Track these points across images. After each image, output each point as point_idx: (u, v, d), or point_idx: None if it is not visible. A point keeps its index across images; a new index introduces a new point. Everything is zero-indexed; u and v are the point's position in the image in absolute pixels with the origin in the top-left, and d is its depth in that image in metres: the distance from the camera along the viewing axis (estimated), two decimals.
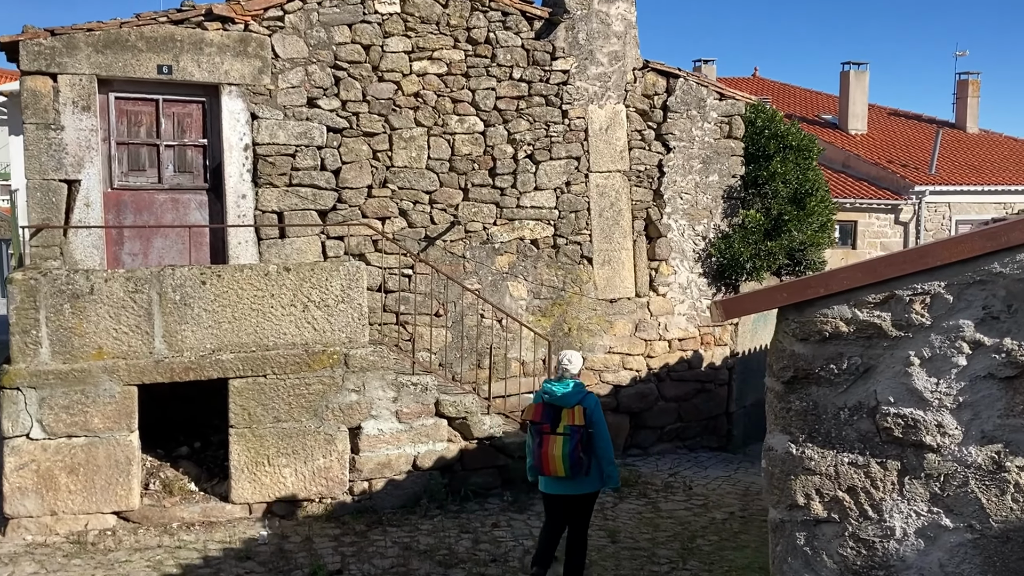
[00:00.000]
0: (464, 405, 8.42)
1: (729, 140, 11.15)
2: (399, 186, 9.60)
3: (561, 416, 5.89)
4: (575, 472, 5.84)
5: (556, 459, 5.82)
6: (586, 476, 5.96)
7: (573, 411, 5.89)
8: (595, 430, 5.95)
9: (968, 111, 31.03)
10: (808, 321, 4.02)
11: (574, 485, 6.00)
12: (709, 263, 11.13)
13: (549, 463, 5.86)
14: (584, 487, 6.04)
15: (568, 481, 5.95)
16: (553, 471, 5.88)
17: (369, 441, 7.97)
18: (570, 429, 5.84)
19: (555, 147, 10.22)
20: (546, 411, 5.96)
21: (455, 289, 9.73)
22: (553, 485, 6.07)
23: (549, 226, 10.26)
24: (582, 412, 5.89)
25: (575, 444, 5.80)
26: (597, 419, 5.97)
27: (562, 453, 5.80)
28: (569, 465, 5.80)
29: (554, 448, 5.83)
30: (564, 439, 5.82)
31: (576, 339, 10.42)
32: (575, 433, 5.83)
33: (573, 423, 5.85)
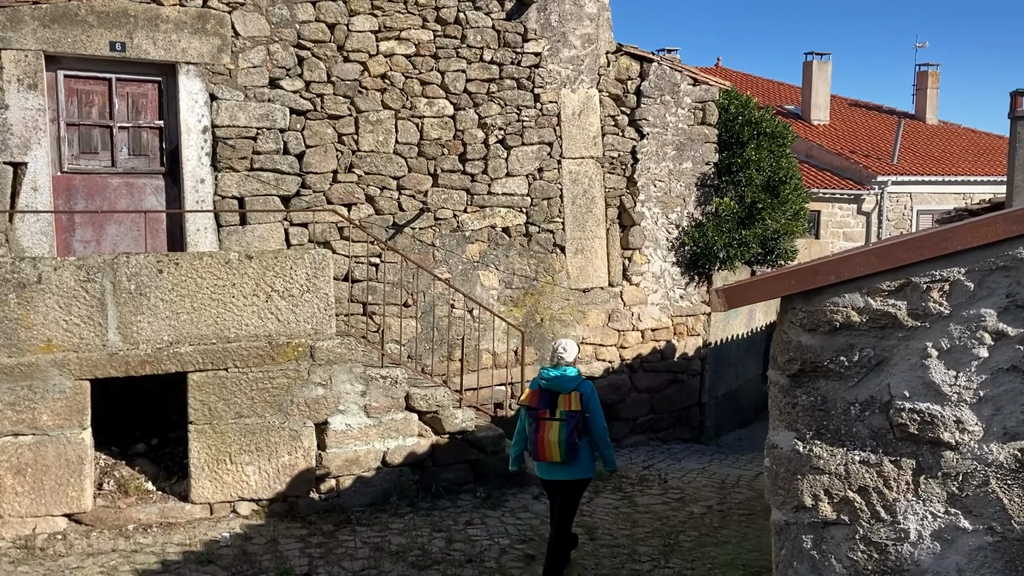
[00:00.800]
0: (435, 399, 8.11)
1: (703, 127, 10.94)
2: (366, 171, 9.24)
3: (558, 402, 5.98)
4: (570, 457, 5.95)
5: (552, 444, 5.92)
6: (581, 462, 6.08)
7: (569, 396, 5.99)
8: (591, 415, 6.05)
9: (928, 102, 31.30)
10: (817, 310, 3.77)
11: (568, 470, 6.09)
12: (682, 252, 10.92)
13: (545, 448, 5.96)
14: (576, 473, 6.13)
15: (562, 466, 6.04)
16: (549, 456, 5.97)
17: (336, 437, 7.63)
18: (566, 415, 5.94)
19: (527, 132, 9.92)
20: (543, 397, 6.05)
21: (424, 278, 9.41)
22: (548, 470, 6.17)
23: (521, 213, 9.97)
24: (578, 398, 5.98)
25: (571, 429, 5.91)
26: (593, 405, 6.07)
27: (558, 439, 5.90)
28: (564, 451, 5.91)
29: (550, 433, 5.93)
30: (560, 424, 5.92)
31: (549, 330, 10.15)
32: (571, 418, 5.93)
33: (569, 408, 5.95)
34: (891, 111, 31.92)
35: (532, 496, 8.32)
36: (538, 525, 7.53)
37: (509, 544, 7.03)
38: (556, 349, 6.24)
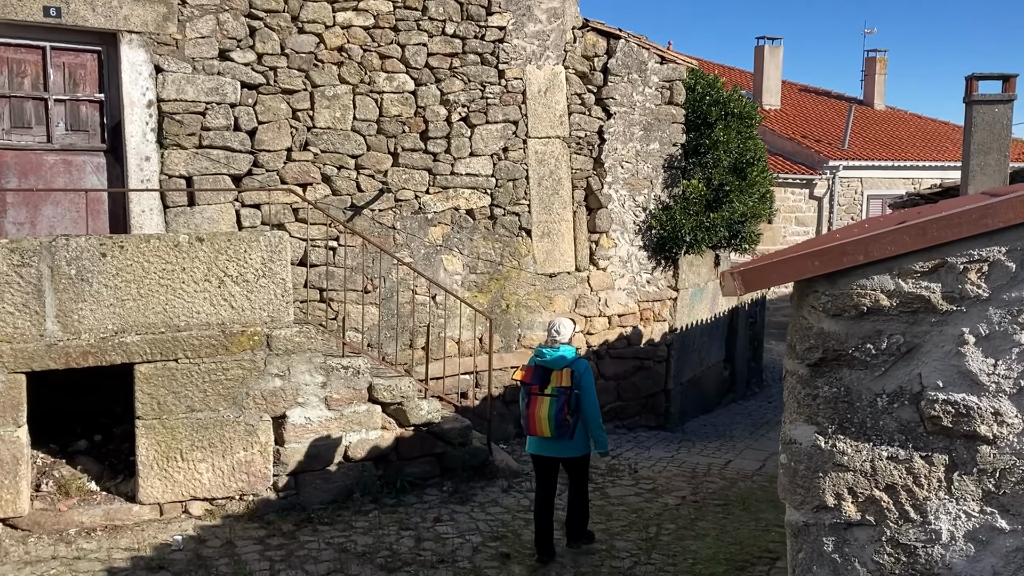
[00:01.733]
0: (400, 389, 7.70)
1: (670, 106, 10.64)
2: (322, 149, 8.75)
3: (551, 378, 6.08)
4: (560, 433, 6.02)
5: (542, 419, 6.02)
6: (570, 440, 6.15)
7: (562, 373, 6.07)
8: (582, 393, 6.11)
9: (876, 88, 31.55)
10: (842, 294, 3.46)
11: (559, 447, 6.20)
12: (649, 236, 10.64)
13: (536, 423, 6.06)
14: (569, 450, 6.24)
15: (553, 442, 6.15)
16: (539, 431, 6.08)
17: (295, 431, 7.18)
18: (557, 390, 6.02)
19: (491, 110, 9.52)
20: (536, 373, 6.15)
21: (385, 263, 8.98)
22: (539, 446, 6.27)
23: (486, 195, 9.57)
24: (569, 374, 6.06)
25: (561, 405, 5.98)
26: (586, 384, 6.13)
27: (548, 414, 5.99)
28: (554, 426, 5.99)
29: (541, 409, 6.03)
30: (551, 400, 6.01)
31: (514, 316, 9.79)
32: (561, 395, 6.01)
33: (560, 385, 6.04)
34: (840, 96, 32.13)
35: (501, 489, 7.98)
36: (510, 520, 7.19)
37: (482, 542, 6.67)
38: (552, 327, 6.36)
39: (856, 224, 7.04)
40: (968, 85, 15.61)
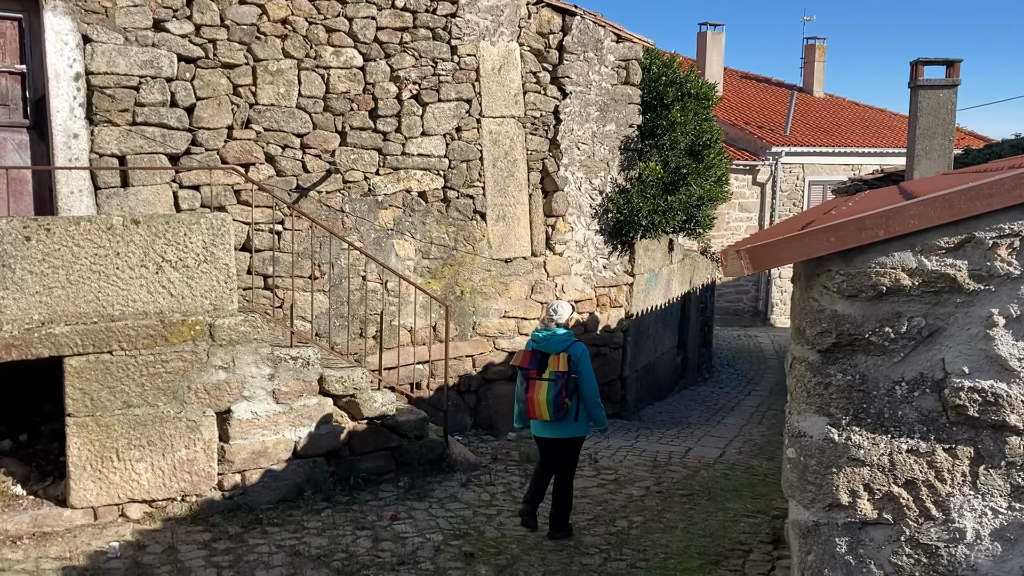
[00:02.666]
0: (352, 381, 7.28)
1: (626, 87, 10.35)
2: (265, 127, 8.25)
3: (548, 362, 6.13)
4: (559, 416, 6.11)
5: (541, 403, 6.09)
6: (575, 422, 6.25)
7: (559, 357, 6.12)
8: (580, 376, 6.17)
9: (815, 75, 31.81)
10: (859, 273, 3.18)
11: (559, 429, 6.27)
12: (606, 220, 10.35)
13: (535, 407, 6.13)
14: (568, 431, 6.30)
15: (553, 425, 6.24)
16: (539, 415, 6.15)
17: (241, 426, 6.72)
18: (555, 375, 6.08)
19: (444, 87, 9.10)
20: (534, 357, 6.22)
21: (333, 248, 8.53)
22: (540, 428, 6.37)
23: (438, 177, 9.17)
24: (567, 359, 6.11)
25: (559, 389, 6.06)
26: (583, 366, 6.18)
27: (547, 398, 6.07)
28: (553, 409, 6.07)
29: (539, 393, 6.10)
30: (549, 384, 6.08)
31: (469, 303, 9.43)
32: (559, 379, 6.07)
33: (558, 369, 6.09)
34: (780, 84, 32.33)
35: (459, 484, 7.63)
36: (471, 517, 6.85)
37: (443, 541, 6.31)
38: (549, 310, 6.44)
39: (837, 202, 6.87)
40: (913, 70, 15.66)
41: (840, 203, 6.32)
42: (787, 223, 4.89)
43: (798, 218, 5.68)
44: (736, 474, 8.54)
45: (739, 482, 8.23)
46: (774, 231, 3.99)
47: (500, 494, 7.49)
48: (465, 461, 8.12)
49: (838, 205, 5.82)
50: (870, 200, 5.38)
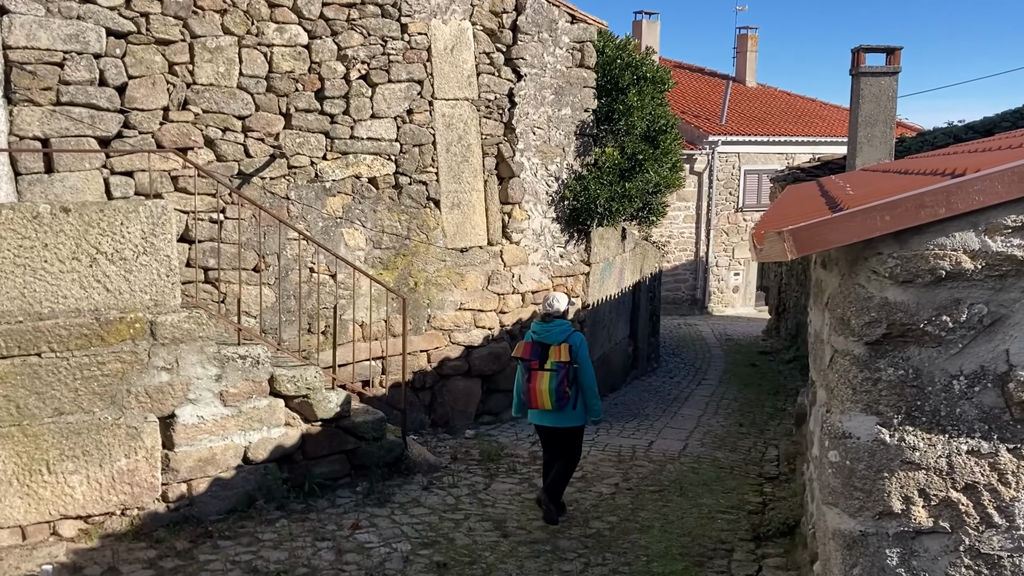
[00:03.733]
0: (305, 380, 6.79)
1: (581, 69, 10.01)
2: (204, 109, 7.67)
3: (549, 353, 6.26)
4: (561, 405, 6.26)
5: (543, 393, 6.23)
6: (573, 410, 6.39)
7: (559, 348, 6.24)
8: (580, 366, 6.31)
9: (747, 65, 32.02)
10: (915, 256, 2.86)
11: (560, 418, 6.41)
12: (562, 207, 10.01)
13: (537, 397, 6.27)
14: (569, 420, 6.45)
15: (554, 414, 6.37)
16: (541, 404, 6.29)
17: (187, 432, 6.18)
18: (556, 365, 6.22)
19: (394, 67, 8.62)
20: (534, 348, 6.33)
21: (278, 238, 7.98)
22: (541, 417, 6.48)
23: (389, 162, 8.69)
24: (567, 349, 6.25)
25: (561, 379, 6.20)
26: (582, 357, 6.33)
27: (548, 388, 6.20)
28: (555, 399, 6.22)
29: (541, 383, 6.23)
30: (551, 374, 6.21)
31: (424, 295, 8.98)
32: (560, 369, 6.21)
33: (559, 359, 6.22)
34: (713, 73, 32.46)
35: (420, 487, 7.21)
36: (438, 523, 6.43)
37: (411, 551, 5.88)
38: (547, 301, 6.54)
39: (828, 183, 6.62)
40: (855, 57, 15.68)
41: (832, 184, 6.07)
42: (795, 205, 4.59)
43: (798, 199, 5.39)
44: (703, 467, 8.30)
45: (708, 476, 7.99)
46: (794, 212, 3.68)
47: (465, 497, 7.09)
48: (425, 462, 7.70)
49: (840, 185, 5.56)
50: (883, 180, 5.12)
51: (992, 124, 21.45)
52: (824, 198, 4.61)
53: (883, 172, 6.09)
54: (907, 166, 6.17)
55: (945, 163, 4.74)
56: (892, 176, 5.10)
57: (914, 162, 7.38)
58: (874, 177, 5.43)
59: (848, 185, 4.93)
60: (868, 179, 5.30)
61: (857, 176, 6.49)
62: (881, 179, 4.97)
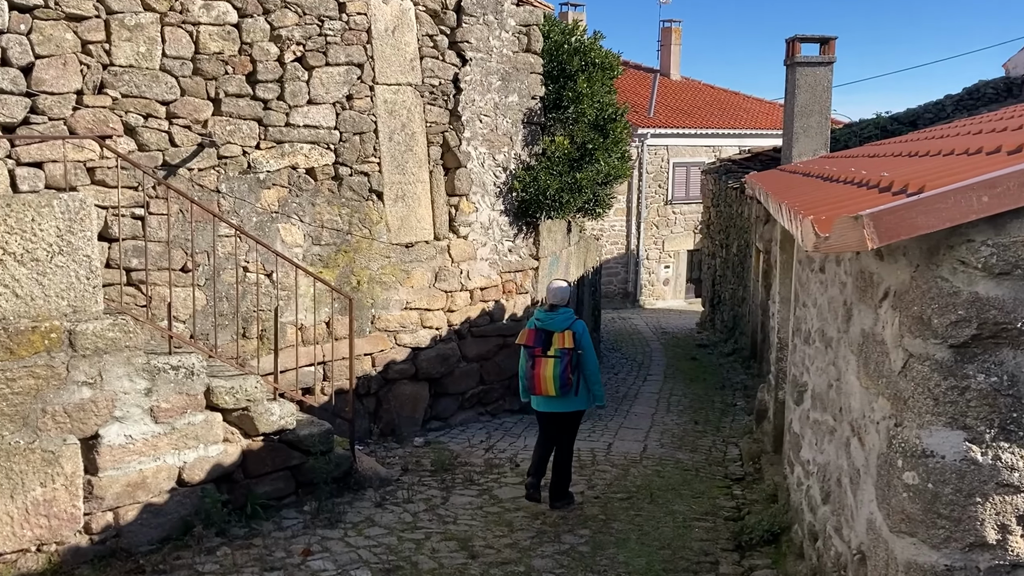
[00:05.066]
0: (245, 391, 6.14)
1: (528, 54, 9.52)
2: (123, 93, 6.92)
3: (552, 340, 6.34)
4: (564, 391, 6.34)
5: (547, 379, 6.31)
6: (575, 396, 6.47)
7: (564, 335, 6.33)
8: (584, 352, 6.41)
9: (672, 58, 32.01)
10: (1013, 243, 2.44)
11: (563, 403, 6.49)
12: (510, 199, 9.51)
13: (540, 383, 6.36)
14: (571, 405, 6.53)
15: (557, 399, 6.45)
16: (544, 391, 6.37)
17: (113, 454, 5.49)
18: (560, 352, 6.30)
19: (332, 50, 7.98)
20: (538, 336, 6.41)
21: (208, 235, 7.29)
22: (544, 403, 6.55)
23: (328, 151, 8.05)
24: (571, 336, 6.34)
25: (565, 365, 6.29)
26: (585, 343, 6.43)
27: (553, 374, 6.29)
28: (559, 385, 6.30)
29: (545, 370, 6.32)
30: (555, 361, 6.30)
31: (367, 294, 8.37)
32: (564, 355, 6.30)
33: (563, 346, 6.31)
34: (638, 66, 32.35)
35: (373, 503, 6.64)
36: (397, 544, 5.88)
37: None
38: (550, 289, 6.67)
39: (836, 160, 6.24)
40: (790, 47, 15.57)
41: (840, 167, 5.71)
42: (817, 190, 4.17)
43: (813, 186, 4.98)
44: (667, 470, 7.92)
45: (674, 479, 7.61)
46: (830, 197, 3.25)
47: (423, 513, 6.54)
48: (375, 476, 7.13)
49: (853, 169, 5.20)
50: None
51: (916, 116, 21.81)
52: (844, 184, 4.21)
53: (869, 157, 5.78)
54: (883, 150, 5.88)
55: (952, 144, 4.40)
56: (900, 159, 4.76)
57: (885, 147, 7.13)
58: (872, 162, 5.09)
59: (862, 169, 4.55)
60: (879, 164, 4.93)
61: (856, 161, 6.15)
62: (896, 163, 4.61)
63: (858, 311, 3.22)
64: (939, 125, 15.25)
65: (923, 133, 8.37)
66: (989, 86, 22.19)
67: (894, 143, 7.53)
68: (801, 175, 6.28)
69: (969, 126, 5.93)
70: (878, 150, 7.02)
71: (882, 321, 2.91)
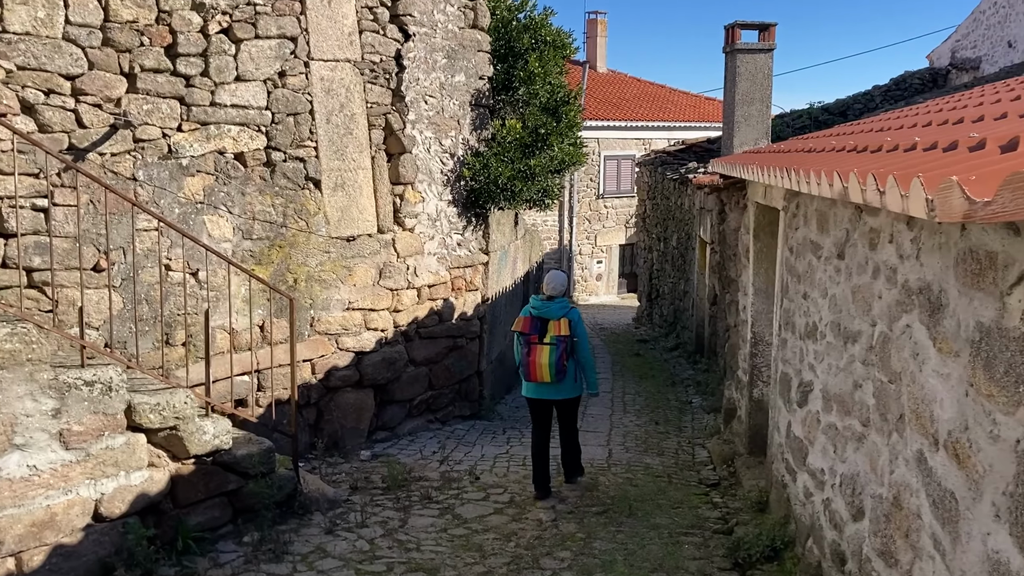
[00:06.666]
0: (172, 407, 5.29)
1: (475, 31, 8.80)
2: (19, 64, 5.96)
3: (548, 328, 6.40)
4: (559, 378, 6.40)
5: (543, 366, 6.36)
6: (574, 382, 6.56)
7: (559, 323, 6.40)
8: (579, 340, 6.49)
9: (598, 50, 31.64)
10: None
11: (556, 390, 6.54)
12: (459, 188, 8.78)
13: (536, 370, 6.40)
14: (564, 392, 6.58)
15: (552, 386, 6.50)
16: (540, 378, 6.42)
17: (13, 489, 4.59)
18: (556, 339, 6.36)
19: (262, 20, 7.13)
20: (534, 323, 6.46)
21: (124, 230, 6.38)
22: (538, 390, 6.59)
23: (260, 134, 7.20)
24: (567, 323, 6.42)
25: (560, 353, 6.35)
26: (581, 331, 6.53)
27: (548, 361, 6.34)
28: (555, 372, 6.35)
29: (541, 357, 6.36)
30: (551, 348, 6.35)
31: (306, 293, 7.55)
32: (560, 343, 6.36)
33: (559, 334, 6.37)
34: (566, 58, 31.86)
35: (323, 530, 5.85)
36: None
37: None
38: (545, 279, 6.68)
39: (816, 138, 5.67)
40: (730, 33, 15.21)
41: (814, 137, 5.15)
42: (874, 159, 3.56)
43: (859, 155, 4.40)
44: (639, 477, 7.33)
45: (648, 488, 7.02)
46: (928, 162, 2.64)
47: (380, 539, 5.79)
48: (322, 497, 6.34)
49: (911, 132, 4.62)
50: None
51: (846, 106, 21.85)
52: (898, 151, 3.62)
53: (845, 135, 5.25)
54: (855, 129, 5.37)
55: None
56: (904, 131, 4.21)
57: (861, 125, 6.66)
58: (880, 136, 4.53)
59: (905, 133, 3.97)
60: (908, 133, 4.38)
61: (852, 138, 5.61)
62: (916, 132, 4.05)
63: (965, 301, 2.61)
64: (867, 115, 15.08)
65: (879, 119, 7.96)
66: (915, 77, 22.42)
67: (859, 127, 7.05)
68: (801, 152, 5.73)
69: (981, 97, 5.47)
70: (854, 128, 6.53)
71: (1014, 312, 2.30)
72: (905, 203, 2.35)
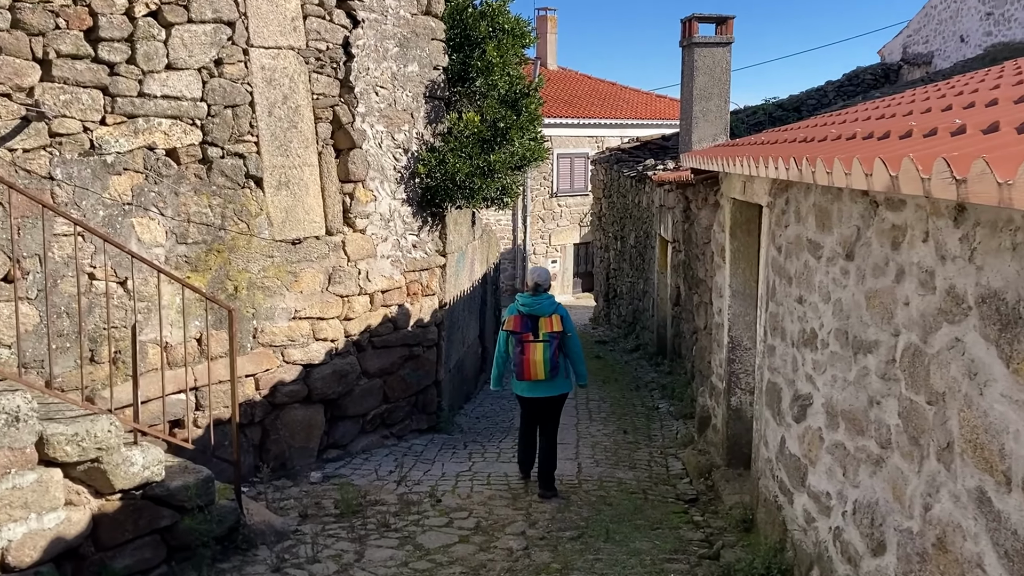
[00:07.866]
0: (94, 436, 4.63)
1: (428, 17, 8.21)
2: None
3: (539, 325, 6.38)
4: (553, 374, 6.41)
5: (537, 364, 6.34)
6: (561, 379, 6.55)
7: (551, 319, 6.39)
8: (571, 335, 6.50)
9: (548, 47, 31.23)
10: None
11: (550, 387, 6.54)
12: (413, 185, 8.18)
13: (530, 368, 6.38)
14: (557, 389, 6.59)
15: (545, 383, 6.50)
16: (535, 375, 6.40)
17: None
18: (549, 336, 6.36)
19: (195, 3, 6.47)
20: (524, 321, 6.42)
21: (38, 234, 5.68)
22: (532, 388, 6.57)
23: (194, 128, 6.53)
24: (559, 319, 6.41)
25: (553, 349, 6.34)
26: (571, 326, 6.53)
27: (543, 358, 6.33)
28: (549, 368, 6.36)
29: (535, 354, 6.33)
30: (544, 345, 6.34)
31: (247, 302, 6.90)
32: (553, 339, 6.35)
33: (552, 330, 6.37)
34: None
35: (269, 568, 5.23)
36: None
37: None
38: (530, 275, 6.64)
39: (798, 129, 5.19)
40: (687, 27, 14.85)
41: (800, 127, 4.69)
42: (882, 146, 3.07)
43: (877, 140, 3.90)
44: (612, 495, 6.83)
45: (623, 507, 6.52)
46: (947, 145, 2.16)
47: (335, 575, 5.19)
48: (269, 528, 5.71)
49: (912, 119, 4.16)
50: None
51: (799, 102, 21.70)
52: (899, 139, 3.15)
53: (823, 126, 4.81)
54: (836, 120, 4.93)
55: None
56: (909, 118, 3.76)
57: (844, 115, 6.24)
58: (886, 123, 4.08)
59: (913, 120, 3.51)
60: (908, 120, 3.91)
61: (864, 121, 5.15)
62: (935, 116, 3.59)
63: None
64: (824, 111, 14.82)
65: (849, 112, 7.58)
66: (868, 72, 22.37)
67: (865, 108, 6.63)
68: (787, 142, 5.26)
69: None
70: (844, 118, 6.11)
71: None
72: (1007, 192, 1.85)
